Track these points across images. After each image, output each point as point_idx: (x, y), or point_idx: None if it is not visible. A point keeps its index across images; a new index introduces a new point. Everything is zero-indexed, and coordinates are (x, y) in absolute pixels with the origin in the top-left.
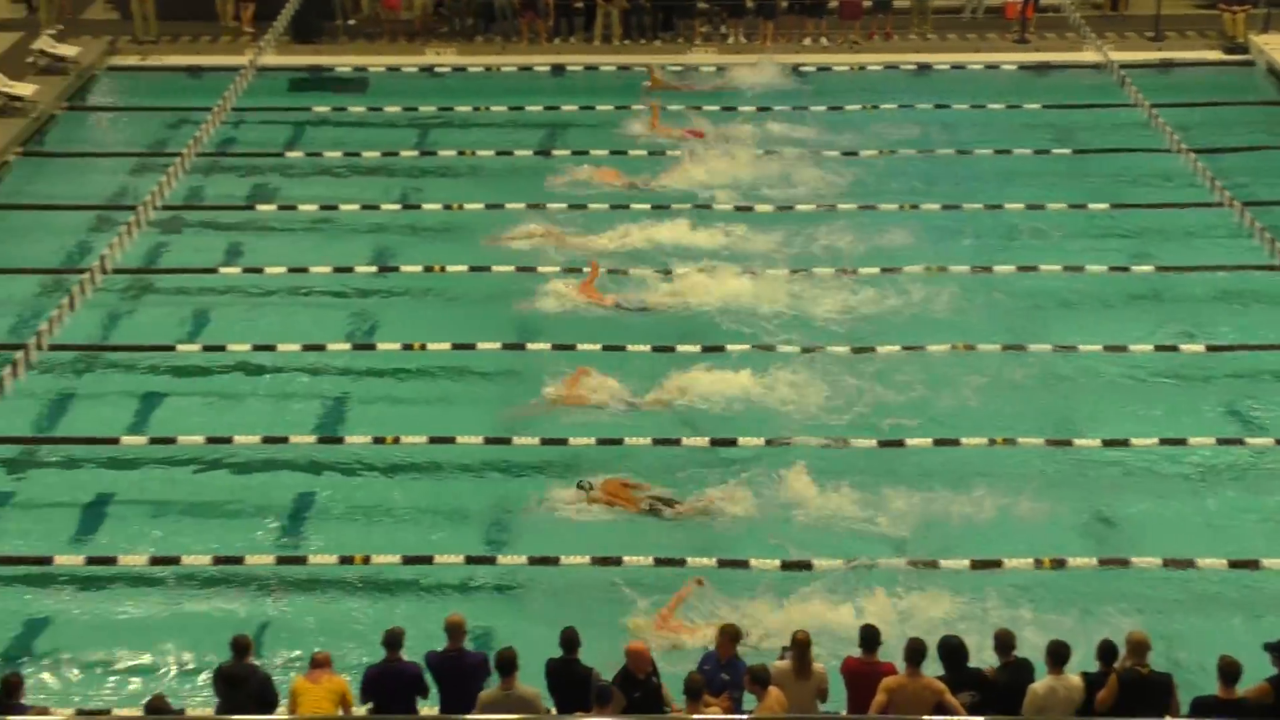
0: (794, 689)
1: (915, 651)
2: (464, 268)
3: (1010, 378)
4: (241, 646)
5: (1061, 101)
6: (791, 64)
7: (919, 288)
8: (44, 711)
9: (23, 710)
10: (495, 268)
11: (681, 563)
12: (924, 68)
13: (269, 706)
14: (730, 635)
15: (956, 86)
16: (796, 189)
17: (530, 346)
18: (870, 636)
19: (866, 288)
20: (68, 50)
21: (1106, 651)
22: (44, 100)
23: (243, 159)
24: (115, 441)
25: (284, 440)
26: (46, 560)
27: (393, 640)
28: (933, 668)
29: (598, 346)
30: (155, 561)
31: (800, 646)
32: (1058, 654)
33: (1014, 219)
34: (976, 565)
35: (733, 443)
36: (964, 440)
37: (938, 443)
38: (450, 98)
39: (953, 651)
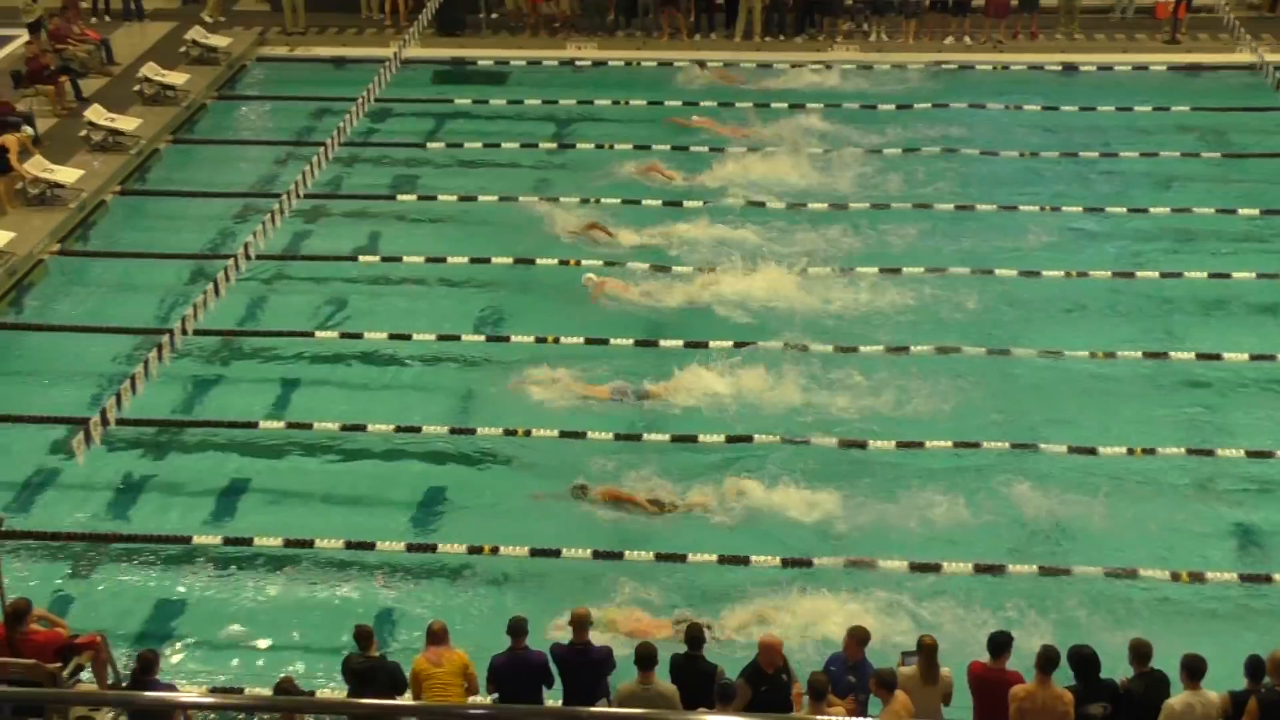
0: (921, 694)
1: (1047, 660)
2: (599, 261)
3: (1152, 383)
4: (365, 636)
5: (1212, 104)
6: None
7: (1057, 291)
8: (177, 688)
9: (157, 686)
10: (631, 264)
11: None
12: (1070, 68)
13: (401, 693)
14: (858, 637)
15: (1103, 88)
16: (925, 188)
17: (664, 343)
18: (1000, 643)
19: (1003, 289)
20: (219, 41)
21: (1254, 669)
22: (195, 89)
23: (385, 149)
24: (254, 425)
25: (417, 430)
26: (185, 540)
27: (518, 628)
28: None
29: (728, 343)
30: (289, 544)
31: (929, 651)
32: (1194, 668)
33: (1160, 223)
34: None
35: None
36: (1102, 450)
37: (1072, 450)
38: (589, 92)
39: (1085, 661)
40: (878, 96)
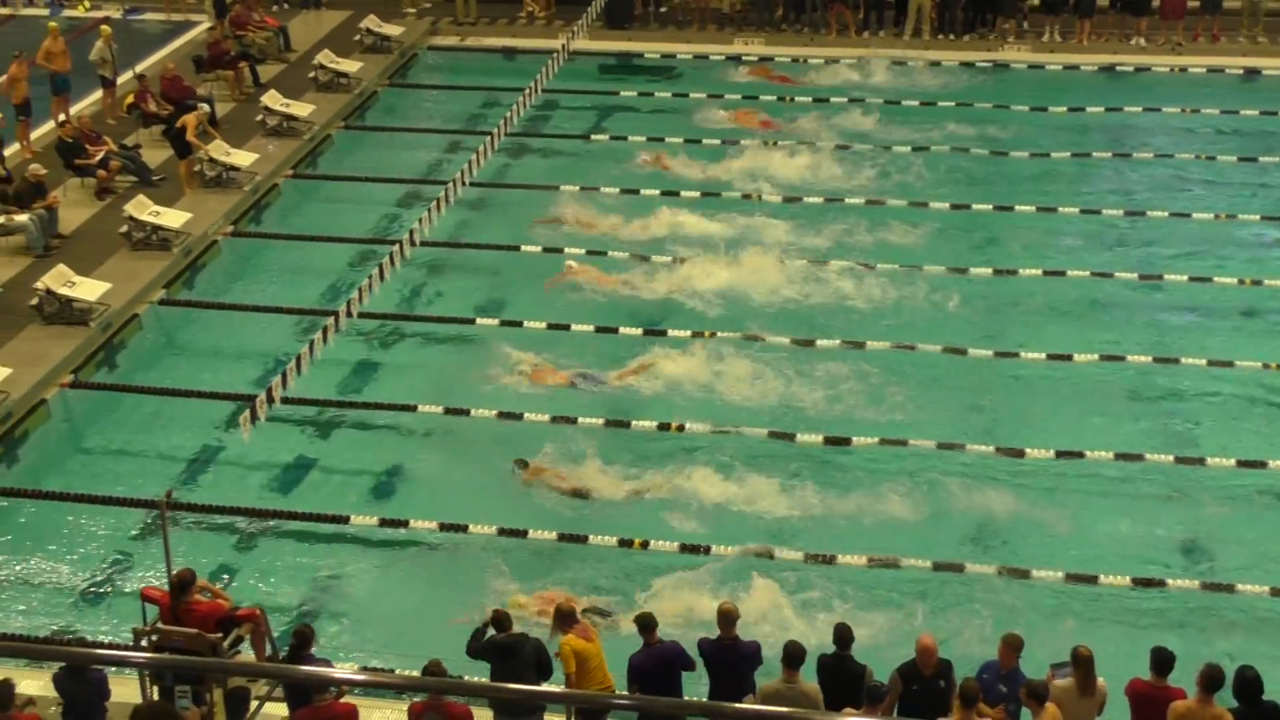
0: (1076, 707)
1: (1210, 679)
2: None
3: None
4: (504, 619)
5: None
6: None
7: (1230, 299)
8: (331, 664)
9: (312, 661)
10: (790, 261)
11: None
12: (1251, 72)
13: (546, 671)
14: (1012, 645)
15: None
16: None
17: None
18: (1164, 660)
19: (1167, 295)
20: (392, 30)
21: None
22: (367, 77)
23: (550, 140)
24: (413, 409)
25: (573, 421)
26: (343, 519)
27: (648, 623)
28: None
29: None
30: (444, 528)
31: (1086, 663)
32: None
33: None
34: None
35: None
36: (1272, 462)
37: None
38: (753, 88)
39: (1248, 684)
40: (1046, 98)
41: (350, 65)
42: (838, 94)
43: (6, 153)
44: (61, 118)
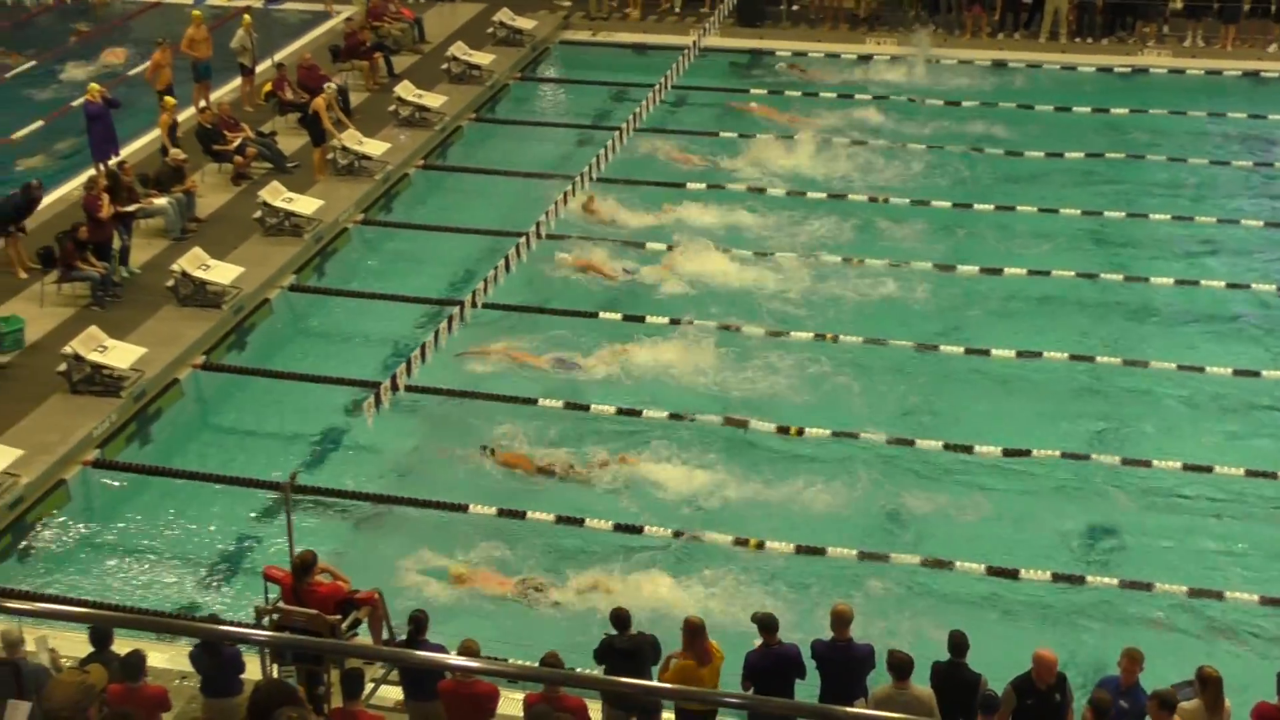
0: None
1: None
2: (882, 263)
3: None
4: (623, 618)
5: None
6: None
7: None
8: (446, 650)
9: (428, 647)
10: (914, 263)
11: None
12: None
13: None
14: (1134, 658)
15: None
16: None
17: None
18: None
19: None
20: (525, 23)
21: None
22: (499, 70)
23: (679, 137)
24: (534, 402)
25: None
26: (462, 508)
27: (769, 624)
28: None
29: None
30: (560, 520)
31: (1215, 684)
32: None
33: None
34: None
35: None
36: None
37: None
38: (885, 88)
39: None
40: (1186, 103)
41: (483, 58)
42: (968, 97)
43: (147, 138)
44: (202, 104)
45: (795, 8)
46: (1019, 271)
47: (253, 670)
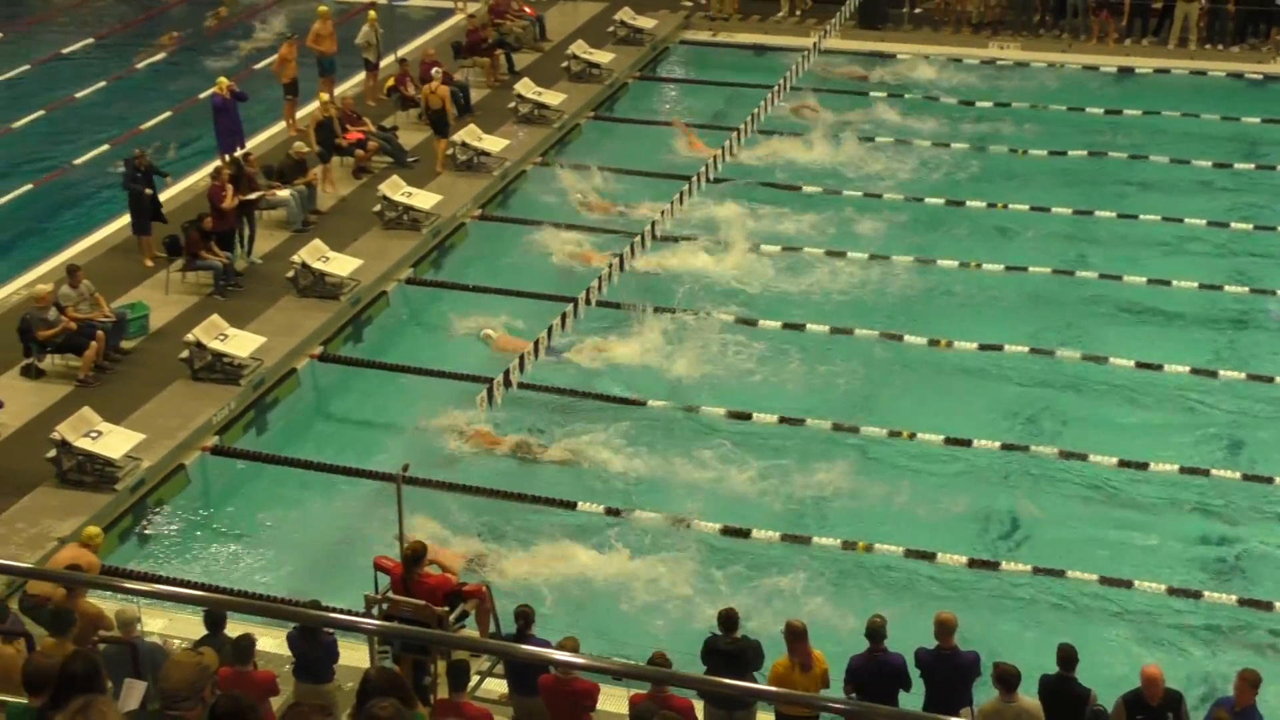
0: None
1: None
2: (999, 267)
3: None
4: (730, 619)
5: None
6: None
7: None
8: (551, 645)
9: (533, 641)
10: (1032, 269)
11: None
12: None
13: (759, 667)
14: (1250, 681)
15: None
16: None
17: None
18: None
19: None
20: (646, 23)
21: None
22: (618, 68)
23: (796, 138)
24: (642, 404)
25: (801, 423)
26: (570, 505)
27: (877, 631)
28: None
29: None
30: (672, 521)
31: None
32: None
33: None
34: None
35: None
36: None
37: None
38: (1009, 93)
39: None
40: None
41: (603, 56)
42: (1094, 104)
43: (271, 131)
44: (325, 98)
45: (918, 11)
46: (1138, 280)
47: (361, 659)
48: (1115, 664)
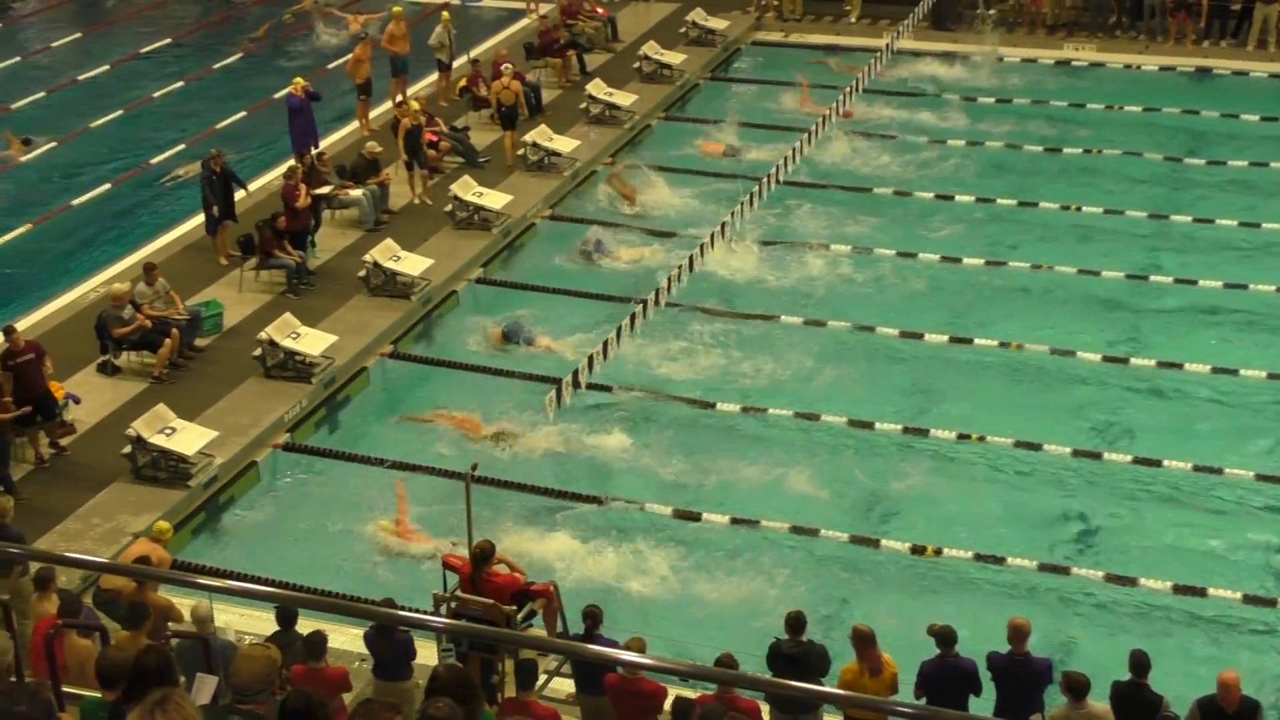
0: None
1: None
2: (1072, 269)
3: None
4: (798, 622)
5: None
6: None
7: None
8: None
9: (600, 641)
10: (1106, 272)
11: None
12: None
13: (825, 672)
14: None
15: None
16: None
17: None
18: None
19: None
20: (717, 24)
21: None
22: (690, 69)
23: (865, 138)
24: (711, 406)
25: (870, 425)
26: (639, 505)
27: (948, 637)
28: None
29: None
30: (736, 521)
31: None
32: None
33: None
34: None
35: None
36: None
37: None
38: (1084, 94)
39: None
40: None
41: (674, 57)
42: (1170, 105)
43: (345, 130)
44: (399, 98)
45: (992, 12)
46: (1214, 283)
47: (429, 656)
48: (1191, 671)
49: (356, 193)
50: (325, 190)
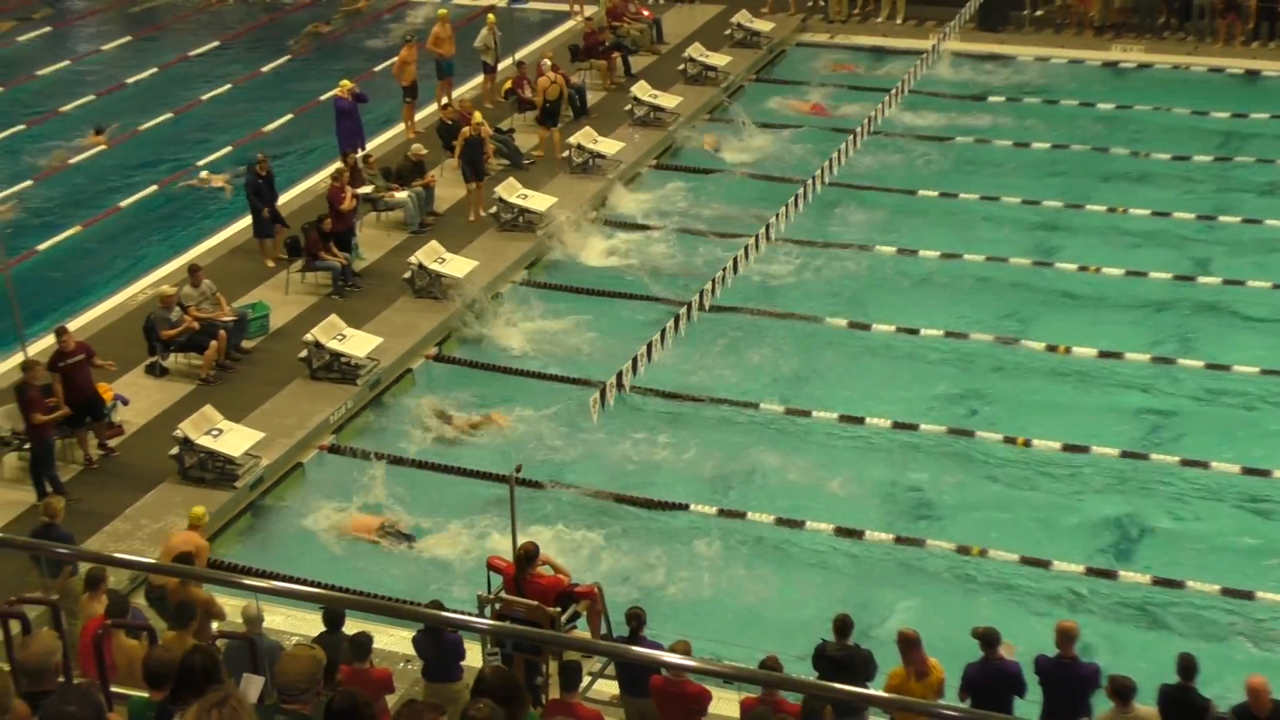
0: None
1: None
2: (1120, 271)
3: None
4: (844, 625)
5: None
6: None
7: None
8: (663, 647)
9: (645, 643)
10: (1153, 273)
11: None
12: None
13: (871, 675)
14: None
15: None
16: None
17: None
18: None
19: None
20: (763, 25)
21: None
22: (735, 71)
23: (912, 141)
24: (755, 407)
25: (914, 428)
26: (683, 507)
27: (992, 639)
28: None
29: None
30: (780, 523)
31: None
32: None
33: None
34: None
35: None
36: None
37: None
38: (1131, 96)
39: None
40: None
41: (719, 59)
42: (1218, 107)
43: (391, 133)
44: (444, 100)
45: (1039, 13)
46: (1262, 284)
47: (474, 658)
48: (1239, 675)
49: (402, 195)
50: (366, 190)
